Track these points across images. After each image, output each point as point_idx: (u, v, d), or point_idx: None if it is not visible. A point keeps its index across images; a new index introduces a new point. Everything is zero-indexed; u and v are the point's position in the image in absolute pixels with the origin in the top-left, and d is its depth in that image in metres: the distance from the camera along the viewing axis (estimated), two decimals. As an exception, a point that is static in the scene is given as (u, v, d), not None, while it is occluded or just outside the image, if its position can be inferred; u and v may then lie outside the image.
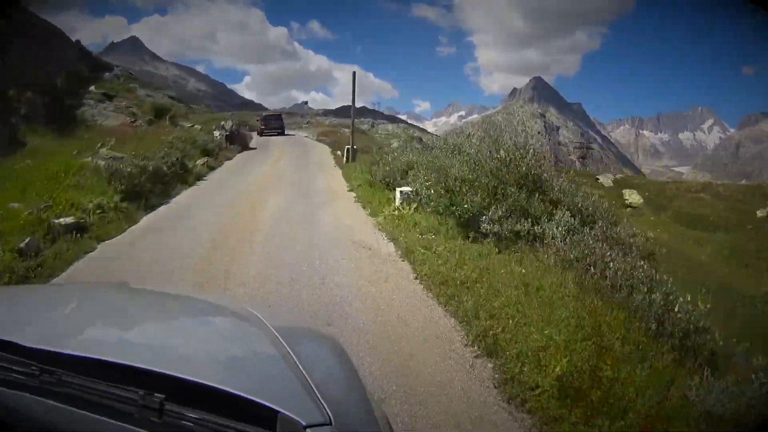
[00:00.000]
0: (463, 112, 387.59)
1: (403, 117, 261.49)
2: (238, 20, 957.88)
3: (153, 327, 1.61)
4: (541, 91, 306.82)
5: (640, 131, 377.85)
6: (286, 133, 34.04)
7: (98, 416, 1.04)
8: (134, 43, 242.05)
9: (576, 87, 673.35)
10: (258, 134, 30.74)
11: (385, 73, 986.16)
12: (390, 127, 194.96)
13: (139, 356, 1.22)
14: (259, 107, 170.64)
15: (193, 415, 1.03)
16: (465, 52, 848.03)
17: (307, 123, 54.26)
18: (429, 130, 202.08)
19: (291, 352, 1.33)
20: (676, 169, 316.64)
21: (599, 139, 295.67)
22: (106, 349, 1.27)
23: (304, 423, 1.02)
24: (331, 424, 1.06)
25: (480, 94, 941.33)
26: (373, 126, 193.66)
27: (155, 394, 1.05)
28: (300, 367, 1.26)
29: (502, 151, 8.09)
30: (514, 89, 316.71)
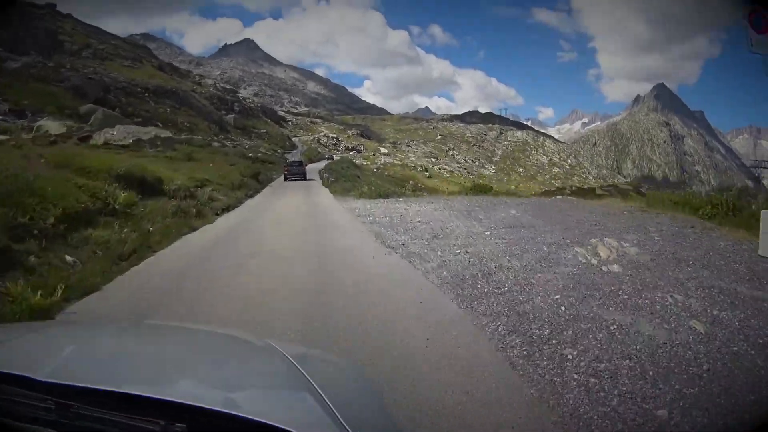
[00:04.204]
0: (586, 120, 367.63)
1: (528, 124, 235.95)
2: (357, 24, 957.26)
3: (168, 359, 1.49)
4: (664, 98, 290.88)
5: (758, 140, 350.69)
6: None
7: None
8: (248, 46, 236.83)
9: (696, 95, 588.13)
10: (284, 179, 28.64)
11: (509, 78, 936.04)
12: (519, 134, 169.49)
13: (157, 388, 1.16)
14: (381, 111, 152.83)
15: None
16: (587, 58, 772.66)
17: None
18: (554, 137, 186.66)
19: (311, 380, 1.28)
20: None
21: (722, 149, 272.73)
22: (122, 381, 1.18)
23: None
24: None
25: (602, 100, 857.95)
26: (501, 133, 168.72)
27: (176, 424, 0.99)
28: (320, 393, 1.20)
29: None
30: (638, 96, 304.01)
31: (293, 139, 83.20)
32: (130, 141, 20.10)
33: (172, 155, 19.35)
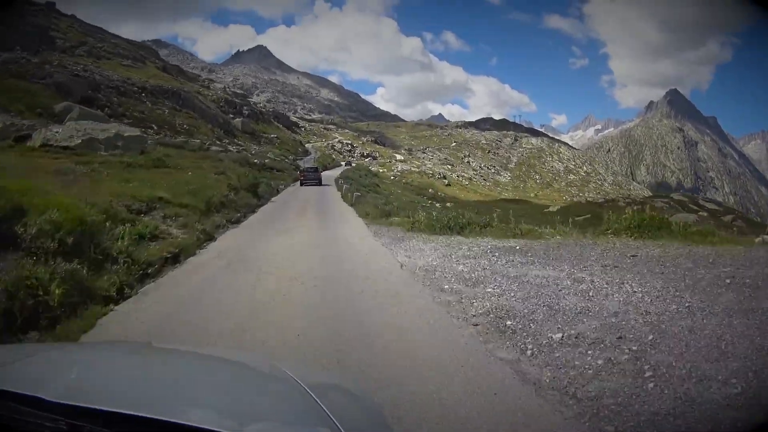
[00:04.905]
0: (599, 126, 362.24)
1: (541, 130, 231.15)
2: (370, 30, 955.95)
3: (180, 383, 1.46)
4: (677, 104, 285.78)
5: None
6: None
7: None
8: (261, 52, 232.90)
9: (709, 100, 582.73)
10: (300, 184, 28.54)
11: (522, 85, 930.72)
12: (533, 140, 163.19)
13: (167, 410, 1.14)
14: (395, 119, 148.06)
15: None
16: (599, 64, 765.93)
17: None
18: (568, 144, 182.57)
19: (321, 405, 1.26)
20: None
21: (735, 155, 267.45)
22: (132, 403, 1.16)
23: None
24: None
25: (615, 107, 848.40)
26: (516, 140, 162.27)
27: None
28: (332, 418, 1.19)
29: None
30: (651, 102, 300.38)
31: (306, 145, 77.86)
32: (79, 141, 14.65)
33: (133, 159, 13.80)
